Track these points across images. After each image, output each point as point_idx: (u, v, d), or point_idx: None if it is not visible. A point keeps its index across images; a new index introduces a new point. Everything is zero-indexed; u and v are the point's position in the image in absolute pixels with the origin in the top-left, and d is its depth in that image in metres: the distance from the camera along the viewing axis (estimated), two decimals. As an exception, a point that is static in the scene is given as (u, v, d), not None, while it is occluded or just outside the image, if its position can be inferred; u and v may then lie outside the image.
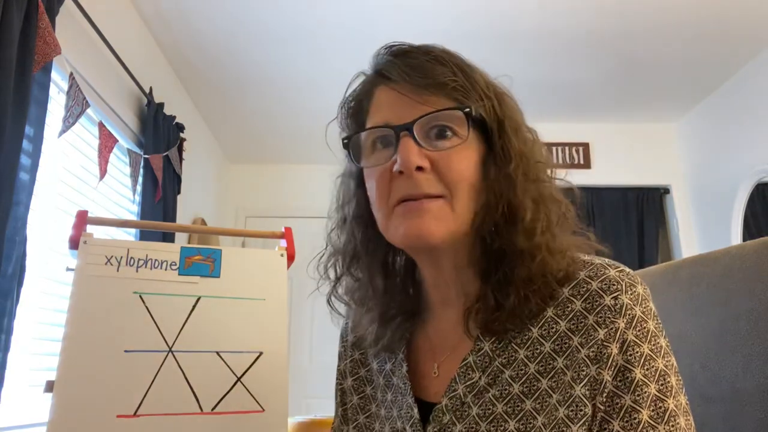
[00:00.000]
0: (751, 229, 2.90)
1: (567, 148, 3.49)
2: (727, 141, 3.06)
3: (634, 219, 3.39)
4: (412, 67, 0.60)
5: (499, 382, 0.58)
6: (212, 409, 0.67)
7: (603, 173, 3.46)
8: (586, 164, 3.47)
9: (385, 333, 0.68)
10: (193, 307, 0.71)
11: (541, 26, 2.53)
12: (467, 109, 0.59)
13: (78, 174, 1.91)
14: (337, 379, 0.78)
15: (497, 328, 0.59)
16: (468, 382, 0.60)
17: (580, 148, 3.49)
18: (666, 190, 3.49)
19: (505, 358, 0.59)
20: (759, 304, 0.71)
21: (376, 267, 0.68)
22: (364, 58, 0.68)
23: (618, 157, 3.48)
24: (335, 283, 0.71)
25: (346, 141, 0.65)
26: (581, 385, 0.54)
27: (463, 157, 0.59)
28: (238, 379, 0.69)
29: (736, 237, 2.94)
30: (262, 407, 0.69)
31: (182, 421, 0.65)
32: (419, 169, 0.57)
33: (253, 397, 0.69)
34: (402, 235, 0.59)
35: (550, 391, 0.55)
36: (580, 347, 0.55)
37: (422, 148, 0.58)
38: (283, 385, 0.70)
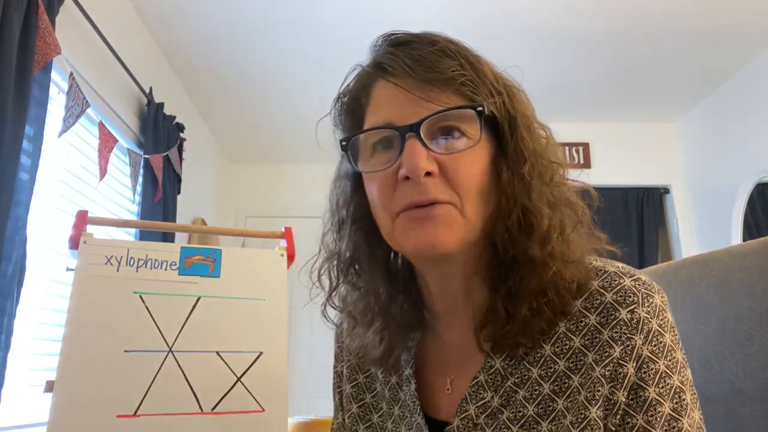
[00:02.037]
0: (751, 229, 2.90)
1: (567, 148, 3.49)
2: (727, 141, 3.06)
3: (634, 219, 3.39)
4: (415, 60, 0.55)
5: (513, 403, 0.55)
6: (212, 409, 0.66)
7: (603, 173, 3.45)
8: (586, 164, 3.47)
9: (392, 348, 0.63)
10: (193, 307, 0.71)
11: (541, 26, 2.53)
12: (479, 108, 0.54)
13: (78, 174, 1.91)
14: (334, 380, 0.75)
15: (508, 342, 0.56)
16: (479, 402, 0.57)
17: (580, 148, 3.49)
18: (666, 190, 3.49)
19: (518, 377, 0.56)
20: (759, 304, 0.71)
21: (380, 273, 0.63)
22: (363, 60, 0.65)
23: (618, 157, 3.48)
24: (331, 293, 0.65)
25: (344, 143, 0.59)
26: (596, 407, 0.51)
27: (474, 160, 0.54)
28: (238, 379, 0.69)
29: (736, 237, 2.94)
30: (262, 407, 0.68)
31: (182, 421, 0.65)
32: (427, 174, 0.53)
33: (253, 397, 0.68)
34: (412, 245, 0.54)
35: (565, 411, 0.53)
36: (594, 365, 0.52)
37: (430, 151, 0.53)
38: (283, 385, 0.70)
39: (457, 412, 0.58)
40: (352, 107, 0.62)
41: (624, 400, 0.51)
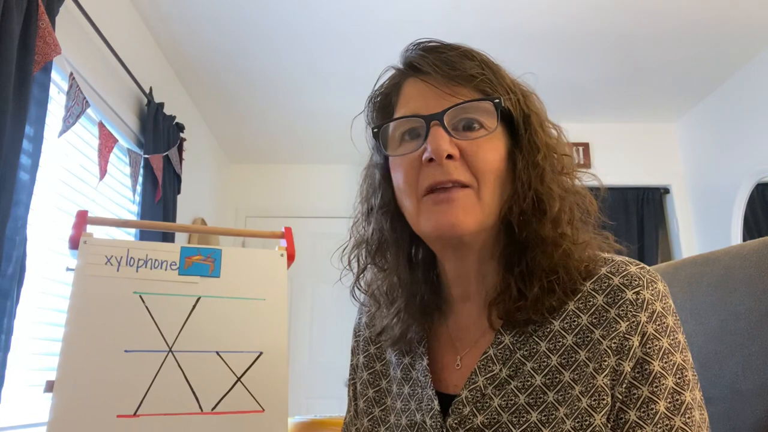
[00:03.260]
0: (751, 229, 2.90)
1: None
2: (727, 141, 3.06)
3: (634, 219, 3.39)
4: (442, 60, 0.62)
5: (520, 374, 0.59)
6: (212, 409, 0.66)
7: (603, 173, 3.43)
8: (586, 164, 3.46)
9: (410, 326, 0.68)
10: (193, 307, 0.71)
11: (541, 26, 2.53)
12: (497, 100, 0.60)
13: (78, 174, 1.91)
14: (349, 374, 0.79)
15: (520, 317, 0.60)
16: (488, 374, 0.60)
17: (580, 148, 3.49)
18: (666, 190, 3.49)
19: (526, 350, 0.59)
20: (759, 304, 0.71)
21: (402, 257, 0.69)
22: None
23: (618, 157, 3.48)
24: (359, 274, 0.72)
25: (376, 130, 0.66)
26: (603, 375, 0.54)
27: (491, 148, 0.60)
28: (238, 379, 0.69)
29: (736, 237, 2.94)
30: (262, 407, 0.68)
31: (182, 421, 0.65)
32: (449, 157, 0.59)
33: (253, 397, 0.68)
34: (434, 226, 0.60)
35: (572, 383, 0.56)
36: (601, 339, 0.56)
37: (452, 138, 0.59)
38: (283, 385, 0.70)
39: (466, 384, 0.61)
40: (384, 104, 0.69)
41: (629, 371, 0.54)
